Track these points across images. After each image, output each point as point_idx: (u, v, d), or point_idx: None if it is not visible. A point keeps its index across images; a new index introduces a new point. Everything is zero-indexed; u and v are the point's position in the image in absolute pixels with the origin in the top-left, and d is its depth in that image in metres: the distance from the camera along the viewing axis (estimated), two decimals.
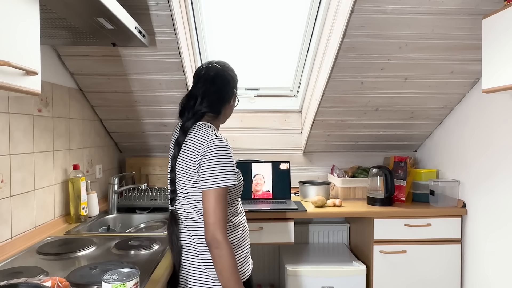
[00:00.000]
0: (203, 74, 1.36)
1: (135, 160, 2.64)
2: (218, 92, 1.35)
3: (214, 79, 1.35)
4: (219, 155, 1.21)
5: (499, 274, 1.93)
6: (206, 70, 1.36)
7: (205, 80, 1.34)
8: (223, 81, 1.37)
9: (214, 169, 1.20)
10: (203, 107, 1.32)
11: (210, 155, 1.21)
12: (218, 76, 1.36)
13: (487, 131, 2.01)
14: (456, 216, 2.20)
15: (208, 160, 1.20)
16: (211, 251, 1.18)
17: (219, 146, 1.22)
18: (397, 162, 2.41)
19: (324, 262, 2.29)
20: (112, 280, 0.95)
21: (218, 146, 1.21)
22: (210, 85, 1.34)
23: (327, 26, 2.11)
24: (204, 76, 1.35)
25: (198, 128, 1.30)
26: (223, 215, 1.19)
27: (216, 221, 1.17)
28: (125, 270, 1.02)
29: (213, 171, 1.20)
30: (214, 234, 1.16)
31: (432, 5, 1.70)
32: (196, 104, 1.32)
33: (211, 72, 1.36)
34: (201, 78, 1.35)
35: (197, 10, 2.16)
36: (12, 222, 1.46)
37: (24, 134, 1.55)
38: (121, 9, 1.30)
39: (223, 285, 1.17)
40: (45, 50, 1.76)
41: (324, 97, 2.24)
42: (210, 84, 1.34)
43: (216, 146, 1.21)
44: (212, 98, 1.33)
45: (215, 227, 1.17)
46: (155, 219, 2.07)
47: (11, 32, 0.87)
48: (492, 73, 1.58)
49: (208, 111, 1.33)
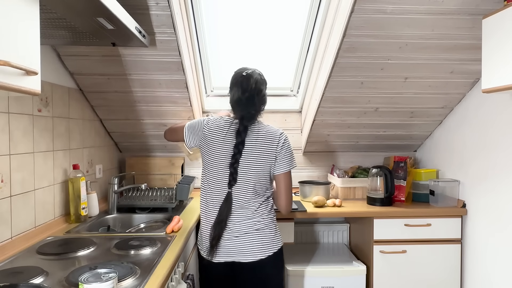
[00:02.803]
0: (260, 78, 1.63)
1: (135, 160, 2.64)
2: (265, 92, 1.66)
3: (263, 82, 1.64)
4: (290, 145, 1.63)
5: (499, 274, 1.93)
6: (252, 74, 1.62)
7: (261, 83, 1.62)
8: (265, 83, 1.68)
9: (290, 155, 1.61)
10: (261, 105, 1.63)
11: (287, 145, 1.60)
12: (263, 79, 1.66)
13: (487, 131, 2.01)
14: (456, 216, 2.20)
15: (286, 148, 1.60)
16: (283, 214, 1.74)
17: (287, 137, 1.63)
18: (397, 162, 2.41)
19: (324, 262, 2.29)
20: (83, 282, 0.94)
21: (287, 137, 1.63)
22: (262, 86, 1.63)
23: (327, 26, 2.11)
24: (260, 80, 1.63)
25: (258, 123, 1.62)
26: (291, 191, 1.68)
27: (290, 196, 1.67)
28: (103, 270, 1.00)
29: (290, 157, 1.61)
30: (288, 207, 1.68)
31: (432, 5, 1.70)
32: (255, 103, 1.59)
33: (259, 76, 1.63)
34: (258, 82, 1.61)
35: (197, 10, 2.16)
36: (12, 222, 1.46)
37: (24, 134, 1.55)
38: (121, 9, 1.30)
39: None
40: (45, 50, 1.76)
41: (324, 97, 2.24)
42: (261, 85, 1.63)
43: (286, 137, 1.63)
44: (265, 98, 1.65)
45: (289, 202, 1.67)
46: (155, 219, 2.06)
47: (11, 32, 0.87)
48: (492, 73, 1.58)
49: (263, 109, 1.65)
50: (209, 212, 1.61)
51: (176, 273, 1.46)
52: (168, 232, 1.67)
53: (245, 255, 1.56)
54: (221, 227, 1.55)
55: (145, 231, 1.96)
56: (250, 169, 1.56)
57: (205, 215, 1.63)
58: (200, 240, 1.67)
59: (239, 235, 1.56)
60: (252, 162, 1.56)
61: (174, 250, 1.44)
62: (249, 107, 1.58)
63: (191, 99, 2.23)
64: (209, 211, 1.61)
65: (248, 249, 1.56)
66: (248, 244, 1.56)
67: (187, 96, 2.20)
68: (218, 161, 1.58)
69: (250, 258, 1.56)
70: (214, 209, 1.59)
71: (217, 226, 1.55)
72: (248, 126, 1.57)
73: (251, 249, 1.56)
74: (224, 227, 1.56)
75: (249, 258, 1.56)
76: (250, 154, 1.56)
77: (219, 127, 1.60)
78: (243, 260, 1.56)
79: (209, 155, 1.60)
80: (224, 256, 1.57)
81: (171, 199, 2.21)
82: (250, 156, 1.56)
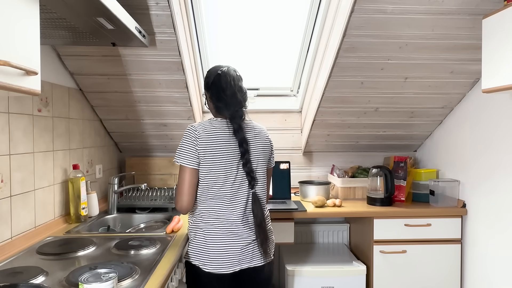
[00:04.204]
0: (236, 75, 1.55)
1: (135, 160, 2.64)
2: (245, 88, 1.58)
3: (240, 78, 1.56)
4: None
5: (499, 274, 1.93)
6: (228, 71, 1.53)
7: (238, 79, 1.55)
8: (241, 79, 1.59)
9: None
10: (245, 101, 1.56)
11: (270, 139, 1.63)
12: (239, 75, 1.58)
13: (487, 131, 2.01)
14: (456, 216, 2.20)
15: (272, 142, 1.63)
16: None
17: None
18: (397, 162, 2.41)
19: (324, 262, 2.29)
20: (83, 282, 0.94)
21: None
22: (240, 82, 1.56)
23: (327, 26, 2.11)
24: (237, 76, 1.55)
25: (248, 120, 1.57)
26: None
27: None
28: (103, 270, 1.00)
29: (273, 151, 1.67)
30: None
31: (432, 5, 1.70)
32: (243, 101, 1.53)
33: (234, 73, 1.55)
34: (236, 79, 1.53)
35: (197, 10, 2.16)
36: (12, 222, 1.46)
37: (24, 134, 1.55)
38: (121, 9, 1.30)
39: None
40: (45, 50, 1.76)
41: (324, 97, 2.24)
42: (240, 81, 1.56)
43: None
44: (246, 94, 1.57)
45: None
46: (155, 219, 2.06)
47: (11, 32, 0.87)
48: (492, 73, 1.58)
49: (247, 105, 1.57)
50: (227, 221, 1.45)
51: (176, 273, 1.46)
52: (168, 232, 1.67)
53: (265, 257, 1.49)
54: (263, 228, 1.46)
55: (145, 231, 1.96)
56: (259, 166, 1.53)
57: (220, 226, 1.45)
58: (205, 255, 1.44)
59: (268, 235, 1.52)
60: (259, 159, 1.53)
61: (174, 250, 1.44)
62: (236, 105, 1.50)
63: (191, 99, 2.23)
64: (227, 221, 1.45)
65: (269, 250, 1.50)
66: (270, 245, 1.53)
67: (187, 96, 2.20)
68: (228, 164, 1.45)
69: (267, 259, 1.51)
70: (236, 217, 1.45)
71: (260, 229, 1.45)
72: (241, 124, 1.49)
73: (269, 250, 1.51)
74: (265, 228, 1.48)
75: (267, 259, 1.50)
76: (254, 152, 1.52)
77: (215, 130, 1.46)
78: (259, 264, 1.48)
79: (215, 161, 1.44)
80: (237, 264, 1.44)
81: (171, 199, 2.22)
82: (255, 153, 1.52)
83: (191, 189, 1.44)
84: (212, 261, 1.42)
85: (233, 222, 1.45)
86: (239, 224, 1.45)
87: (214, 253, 1.43)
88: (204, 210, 1.46)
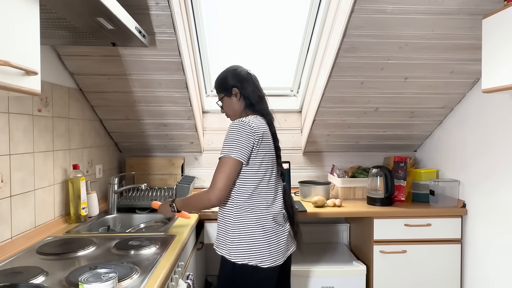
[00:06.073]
0: (254, 75, 1.62)
1: (135, 160, 2.64)
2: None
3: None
4: None
5: (499, 274, 1.93)
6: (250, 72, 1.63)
7: (257, 80, 1.63)
8: None
9: None
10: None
11: None
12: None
13: (487, 131, 2.01)
14: (456, 216, 2.20)
15: None
16: None
17: None
18: (397, 162, 2.41)
19: (324, 262, 2.29)
20: (83, 282, 0.94)
21: None
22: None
23: (327, 26, 2.11)
24: (255, 77, 1.63)
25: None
26: None
27: None
28: (103, 270, 1.01)
29: None
30: None
31: (432, 5, 1.70)
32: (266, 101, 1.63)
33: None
34: (255, 80, 1.62)
35: (197, 10, 2.16)
36: (12, 222, 1.46)
37: (24, 134, 1.55)
38: (121, 9, 1.30)
39: None
40: (45, 50, 1.76)
41: (324, 97, 2.24)
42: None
43: None
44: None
45: None
46: (155, 219, 2.07)
47: (11, 32, 0.87)
48: (492, 73, 1.58)
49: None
50: (274, 215, 1.49)
51: (176, 273, 1.46)
52: (187, 217, 1.82)
53: (295, 241, 1.65)
54: (297, 220, 1.60)
55: (145, 231, 1.96)
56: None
57: (270, 222, 1.48)
58: (264, 252, 1.45)
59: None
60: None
61: (174, 250, 1.44)
62: (267, 103, 1.63)
63: (191, 99, 2.23)
64: (273, 214, 1.49)
65: (298, 235, 1.64)
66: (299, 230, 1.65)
67: (187, 96, 2.20)
68: (272, 160, 1.55)
69: (295, 243, 1.65)
70: (279, 208, 1.53)
71: (294, 218, 1.59)
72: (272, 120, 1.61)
73: (298, 235, 1.64)
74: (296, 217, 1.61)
75: (295, 243, 1.65)
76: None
77: (263, 126, 1.51)
78: (294, 248, 1.64)
79: (265, 157, 1.49)
80: (285, 252, 1.55)
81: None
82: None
83: (231, 183, 1.44)
84: (271, 255, 1.45)
85: (277, 215, 1.52)
86: (280, 217, 1.54)
87: (271, 248, 1.46)
88: (252, 210, 1.46)
